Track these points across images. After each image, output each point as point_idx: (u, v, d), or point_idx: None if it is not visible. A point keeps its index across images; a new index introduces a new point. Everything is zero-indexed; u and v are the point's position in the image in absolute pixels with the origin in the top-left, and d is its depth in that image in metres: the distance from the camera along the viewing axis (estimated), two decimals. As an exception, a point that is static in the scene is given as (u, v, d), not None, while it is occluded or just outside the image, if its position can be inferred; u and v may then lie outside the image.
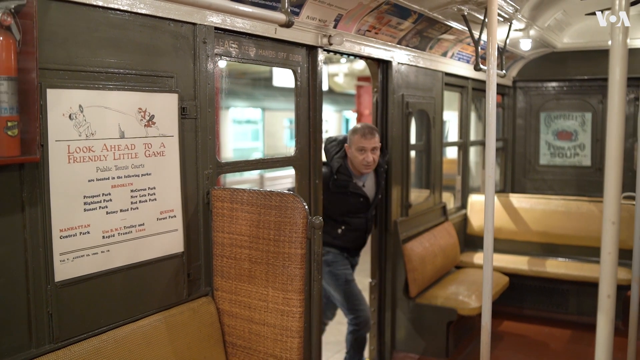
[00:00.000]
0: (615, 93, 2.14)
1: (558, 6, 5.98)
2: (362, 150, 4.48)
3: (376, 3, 4.10)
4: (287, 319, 2.89)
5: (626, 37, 2.16)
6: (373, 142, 4.47)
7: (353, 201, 4.60)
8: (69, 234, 2.41)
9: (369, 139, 4.47)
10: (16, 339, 2.28)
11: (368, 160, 4.47)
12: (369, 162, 4.48)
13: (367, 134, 4.48)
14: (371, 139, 4.47)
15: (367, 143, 4.46)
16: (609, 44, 2.17)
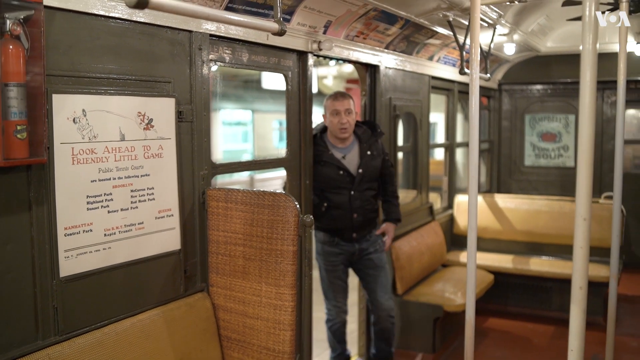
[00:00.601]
0: (586, 96, 2.30)
1: (541, 12, 6.16)
2: (336, 113, 4.37)
3: (364, 10, 4.25)
4: (280, 312, 3.03)
5: (596, 43, 2.32)
6: (345, 104, 4.38)
7: (330, 174, 4.38)
8: (73, 231, 2.54)
9: (340, 100, 4.39)
10: (24, 331, 2.40)
11: (342, 122, 4.35)
12: (344, 124, 4.36)
13: (338, 97, 4.42)
14: (343, 101, 4.39)
15: (339, 105, 4.37)
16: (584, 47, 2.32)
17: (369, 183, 4.51)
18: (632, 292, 7.18)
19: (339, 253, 4.58)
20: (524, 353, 5.51)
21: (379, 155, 4.57)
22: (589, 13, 2.34)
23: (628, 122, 8.50)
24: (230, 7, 3.23)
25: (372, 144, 4.54)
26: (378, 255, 4.67)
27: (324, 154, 4.38)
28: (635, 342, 5.73)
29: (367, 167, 4.46)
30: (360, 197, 4.46)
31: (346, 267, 4.69)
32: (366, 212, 4.51)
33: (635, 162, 8.66)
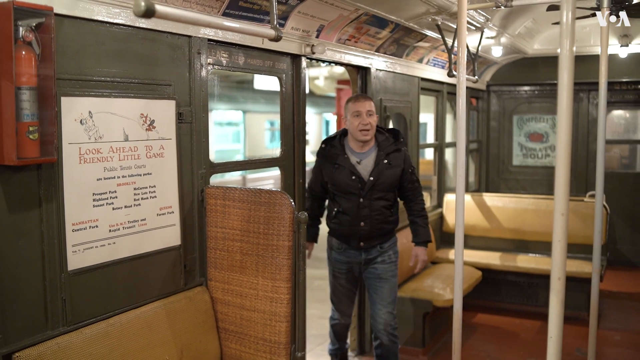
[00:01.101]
0: (564, 97, 2.44)
1: (527, 15, 6.34)
2: (357, 114, 4.21)
3: (356, 14, 4.41)
4: (276, 305, 3.18)
5: (573, 47, 2.47)
6: (367, 105, 4.23)
7: (343, 177, 4.24)
8: (80, 227, 2.67)
9: (361, 101, 4.24)
10: (34, 321, 2.53)
11: (364, 123, 4.17)
12: (365, 125, 4.18)
13: (359, 98, 4.29)
14: (364, 102, 4.24)
15: (360, 106, 4.21)
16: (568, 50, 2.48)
17: (382, 192, 4.26)
18: (617, 289, 7.38)
19: (345, 261, 4.45)
20: (510, 347, 5.67)
21: (397, 166, 4.30)
22: (566, 19, 2.49)
23: (615, 122, 8.72)
24: (227, 12, 3.37)
25: (392, 153, 4.31)
26: (385, 266, 4.42)
27: (339, 156, 4.27)
28: (619, 336, 5.91)
29: (379, 175, 4.24)
30: (370, 205, 4.24)
31: (353, 276, 4.52)
32: (375, 223, 4.28)
33: (622, 162, 8.88)
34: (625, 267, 8.30)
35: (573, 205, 6.68)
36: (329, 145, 4.36)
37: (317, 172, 4.44)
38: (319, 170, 4.40)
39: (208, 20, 2.55)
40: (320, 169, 4.38)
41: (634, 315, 6.54)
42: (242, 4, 3.42)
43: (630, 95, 8.37)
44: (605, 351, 5.45)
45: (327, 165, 4.30)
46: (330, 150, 4.31)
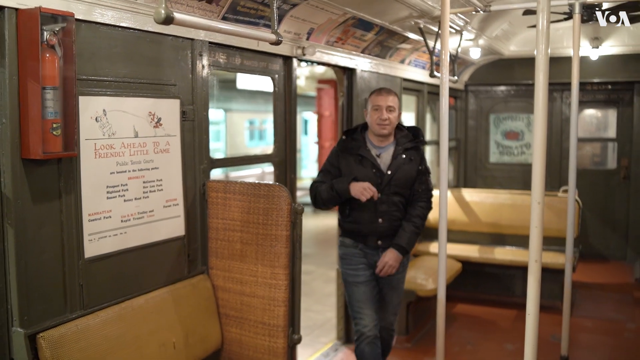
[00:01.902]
0: (540, 97, 2.70)
1: (504, 18, 6.63)
2: (377, 108, 4.07)
3: (344, 18, 4.64)
4: (275, 290, 3.40)
5: (548, 49, 2.73)
6: (388, 100, 4.08)
7: (364, 170, 4.06)
8: (96, 217, 2.87)
9: (384, 95, 4.10)
10: (55, 305, 2.73)
11: (382, 117, 4.03)
12: (384, 120, 4.04)
13: (382, 92, 4.14)
14: (387, 96, 4.09)
15: (381, 100, 4.07)
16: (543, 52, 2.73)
17: (398, 188, 4.10)
18: (589, 280, 7.72)
19: (362, 256, 4.19)
20: (489, 334, 5.96)
21: (414, 163, 4.16)
22: (542, 24, 2.75)
23: (588, 121, 9.07)
24: (226, 17, 3.58)
25: (410, 149, 4.17)
26: (398, 277, 4.28)
27: (361, 147, 4.11)
28: (590, 323, 6.23)
29: (396, 170, 4.09)
30: (388, 201, 4.08)
31: (371, 273, 4.21)
32: (393, 219, 4.11)
33: (594, 160, 9.22)
34: (597, 259, 8.66)
35: (547, 200, 6.98)
36: (350, 137, 4.20)
37: (330, 166, 4.19)
38: (335, 163, 4.17)
39: (218, 27, 2.78)
40: (336, 162, 4.16)
41: (605, 304, 6.87)
42: (239, 9, 3.63)
43: (600, 95, 8.73)
44: (578, 337, 5.76)
45: (348, 157, 4.11)
46: (351, 142, 4.15)
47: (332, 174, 4.15)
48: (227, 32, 2.88)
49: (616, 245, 8.74)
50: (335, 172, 4.14)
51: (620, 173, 8.72)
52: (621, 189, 8.70)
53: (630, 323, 6.21)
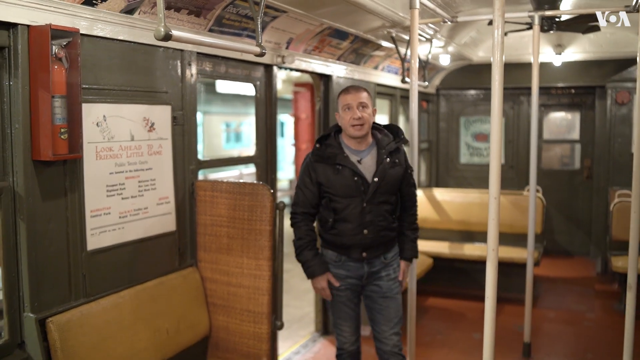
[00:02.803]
0: (496, 99, 3.04)
1: (472, 26, 7.01)
2: (348, 108, 3.65)
3: (320, 28, 4.96)
4: (259, 281, 3.71)
5: (502, 54, 3.07)
6: (359, 97, 3.66)
7: (344, 180, 3.64)
8: (97, 214, 3.16)
9: (352, 93, 3.68)
10: (58, 295, 3.00)
11: (355, 117, 3.61)
12: (357, 118, 3.61)
13: (350, 90, 3.72)
14: (355, 93, 3.67)
15: (351, 98, 3.65)
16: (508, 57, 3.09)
17: (385, 195, 3.72)
18: (553, 274, 8.14)
19: (345, 276, 3.81)
20: (458, 325, 6.32)
21: (400, 165, 3.79)
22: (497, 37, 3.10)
23: (557, 124, 9.49)
24: (212, 29, 3.88)
25: (393, 150, 3.77)
26: (389, 283, 3.86)
27: (338, 156, 3.66)
28: (553, 314, 6.63)
29: (383, 176, 3.68)
30: (374, 210, 3.69)
31: (355, 293, 3.89)
32: (379, 230, 3.73)
33: (564, 160, 9.65)
34: (561, 255, 9.10)
35: (513, 198, 7.40)
36: (323, 144, 3.74)
37: (309, 180, 3.73)
38: (313, 178, 3.71)
39: (210, 42, 3.08)
40: (314, 174, 3.70)
41: (567, 296, 7.28)
42: (224, 22, 3.93)
43: (565, 99, 9.18)
44: (541, 326, 6.15)
45: (325, 167, 3.67)
46: (326, 151, 3.69)
47: (311, 190, 3.72)
48: (217, 46, 3.18)
49: (580, 242, 9.19)
50: (315, 187, 3.71)
51: (583, 173, 9.17)
52: (584, 188, 9.14)
53: (590, 313, 6.62)
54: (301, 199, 3.74)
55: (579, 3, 5.83)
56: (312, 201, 3.73)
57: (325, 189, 3.69)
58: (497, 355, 3.04)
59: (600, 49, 8.19)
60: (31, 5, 2.71)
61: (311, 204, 3.74)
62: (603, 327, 6.17)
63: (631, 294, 3.93)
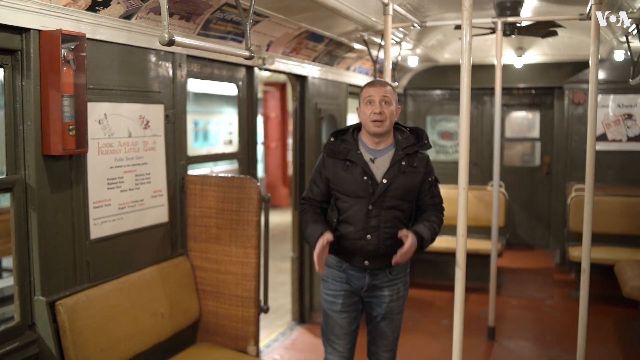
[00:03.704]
0: (464, 99, 3.37)
1: (438, 30, 7.38)
2: (369, 102, 3.40)
3: (298, 32, 5.26)
4: (246, 267, 3.99)
5: (469, 57, 3.40)
6: (382, 91, 3.40)
7: (353, 177, 3.39)
8: (99, 205, 3.40)
9: (376, 86, 3.43)
10: (65, 280, 3.24)
11: (377, 112, 3.35)
12: (379, 113, 3.35)
13: (375, 83, 3.48)
14: (379, 87, 3.42)
15: (374, 92, 3.40)
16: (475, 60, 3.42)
17: (395, 201, 3.40)
18: (515, 265, 8.58)
19: (345, 281, 3.53)
20: (427, 313, 6.68)
21: (417, 172, 3.46)
22: (465, 40, 3.44)
23: (519, 123, 9.93)
24: (201, 32, 4.15)
25: (412, 155, 3.47)
26: (391, 305, 3.56)
27: (350, 151, 3.43)
28: (515, 301, 7.05)
29: (394, 179, 3.38)
30: (380, 215, 3.38)
31: (353, 302, 3.56)
32: (384, 238, 3.38)
33: (524, 159, 10.10)
34: (524, 248, 9.56)
35: (478, 193, 7.80)
36: (339, 138, 3.52)
37: (317, 177, 3.53)
38: (322, 172, 3.51)
39: (206, 46, 3.35)
40: (324, 169, 3.50)
41: (528, 285, 7.72)
42: (211, 26, 4.20)
43: (526, 99, 9.65)
44: (504, 312, 6.55)
45: (335, 162, 3.45)
46: (340, 145, 3.47)
47: (319, 186, 3.51)
48: (212, 50, 3.44)
49: (540, 235, 9.66)
50: (323, 183, 3.50)
51: (543, 169, 9.65)
52: (544, 184, 9.62)
53: (549, 300, 7.06)
54: (308, 194, 3.56)
55: (538, 10, 6.23)
56: (319, 198, 3.52)
57: (332, 185, 3.47)
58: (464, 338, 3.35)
59: (559, 52, 8.65)
60: (42, 12, 2.94)
61: (317, 193, 3.52)
62: (560, 312, 6.60)
63: (585, 277, 4.33)
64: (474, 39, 7.93)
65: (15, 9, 2.83)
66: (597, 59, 4.22)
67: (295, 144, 6.26)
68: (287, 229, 9.18)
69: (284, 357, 5.41)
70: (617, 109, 8.26)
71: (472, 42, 3.68)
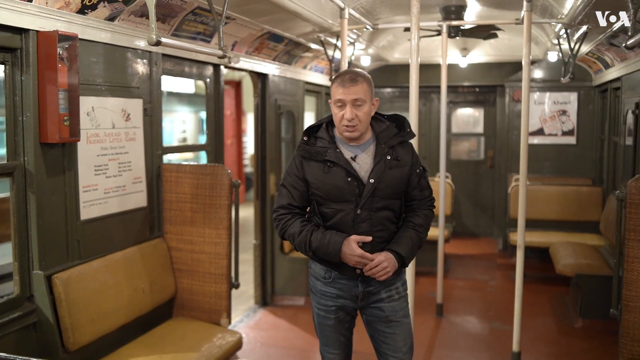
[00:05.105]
0: (413, 95, 3.86)
1: (389, 32, 7.90)
2: (339, 105, 2.98)
3: (261, 32, 5.67)
4: (219, 247, 4.39)
5: (418, 58, 3.88)
6: (353, 93, 2.94)
7: (335, 179, 3.01)
8: (88, 189, 3.76)
9: (347, 86, 2.94)
10: (59, 256, 3.58)
11: (348, 117, 2.94)
12: (350, 119, 2.95)
13: (345, 81, 2.96)
14: (351, 86, 2.94)
15: (344, 94, 2.94)
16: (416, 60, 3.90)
17: (384, 200, 3.06)
18: (461, 252, 9.19)
19: (335, 295, 3.15)
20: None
21: (403, 165, 3.10)
22: (414, 42, 3.93)
23: (464, 119, 10.55)
24: (174, 33, 4.52)
25: (396, 147, 3.11)
26: (393, 305, 3.17)
27: (329, 151, 3.04)
28: (461, 283, 7.63)
29: (381, 177, 3.03)
30: (370, 218, 3.03)
31: (347, 316, 3.23)
32: (376, 243, 3.05)
33: (471, 155, 10.73)
34: (470, 236, 10.19)
35: (427, 184, 8.34)
36: (312, 137, 3.13)
37: (296, 178, 3.11)
38: (300, 175, 3.10)
39: (186, 47, 3.75)
40: (302, 173, 3.10)
41: (473, 269, 8.32)
42: (184, 27, 4.58)
43: (470, 96, 10.28)
44: (451, 292, 7.10)
45: (313, 165, 3.06)
46: (315, 145, 3.09)
47: (299, 190, 3.10)
48: (190, 50, 3.83)
49: (485, 224, 10.31)
50: (304, 186, 3.10)
51: (487, 162, 10.29)
52: (487, 176, 10.27)
53: (492, 281, 7.66)
54: (287, 201, 3.12)
55: (481, 14, 6.81)
56: (299, 202, 3.12)
57: (312, 189, 3.08)
58: (415, 315, 3.78)
59: (500, 53, 9.29)
60: (39, 14, 3.28)
61: (297, 204, 3.12)
62: (502, 291, 7.20)
63: (520, 252, 4.88)
64: (421, 40, 8.48)
65: (16, 11, 3.16)
66: (529, 60, 4.79)
67: (256, 138, 6.67)
68: (245, 223, 9.57)
69: (249, 335, 5.81)
70: (553, 105, 8.93)
71: (420, 43, 4.20)
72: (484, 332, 6.00)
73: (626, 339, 3.74)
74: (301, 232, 3.04)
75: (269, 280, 6.77)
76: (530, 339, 5.60)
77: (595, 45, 6.25)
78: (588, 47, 6.45)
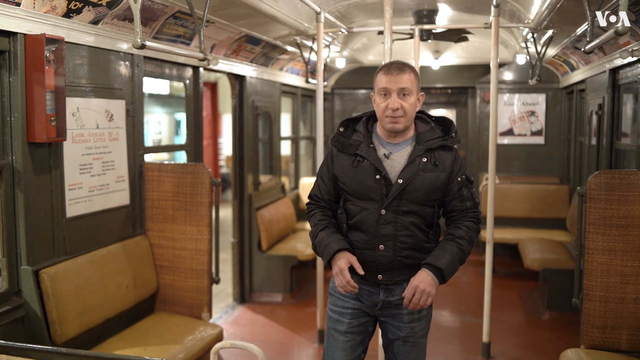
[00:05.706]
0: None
1: (363, 35, 8.10)
2: (384, 93, 2.85)
3: (239, 35, 5.82)
4: (200, 243, 4.53)
5: (391, 60, 4.06)
6: (400, 82, 2.81)
7: (363, 176, 2.88)
8: (73, 187, 3.88)
9: (394, 74, 2.83)
10: (46, 252, 3.70)
11: (393, 107, 2.79)
12: (395, 109, 2.79)
13: (391, 69, 2.85)
14: (398, 75, 2.82)
15: (390, 83, 2.81)
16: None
17: (413, 205, 2.87)
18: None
19: (354, 298, 3.00)
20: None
21: (441, 170, 2.89)
22: (387, 44, 4.12)
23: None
24: (156, 36, 4.66)
25: (437, 150, 2.92)
26: (413, 325, 2.99)
27: (361, 145, 2.91)
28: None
29: (411, 178, 2.84)
30: (395, 221, 2.86)
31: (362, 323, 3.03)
32: (400, 248, 2.87)
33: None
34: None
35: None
36: (349, 129, 3.02)
37: (326, 170, 3.06)
38: (329, 166, 3.03)
39: (169, 50, 3.88)
40: (331, 165, 3.01)
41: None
42: (165, 30, 4.71)
43: (443, 97, 10.53)
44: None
45: (344, 157, 2.95)
46: (349, 138, 2.96)
47: (326, 184, 3.04)
48: (173, 53, 3.97)
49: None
50: (331, 180, 3.02)
51: (458, 162, 10.54)
52: (459, 175, 10.50)
53: (464, 277, 7.90)
54: (315, 192, 3.11)
55: (452, 18, 7.04)
56: (327, 197, 3.05)
57: (340, 184, 2.97)
58: None
59: (471, 55, 9.55)
60: (27, 18, 3.40)
61: (322, 197, 3.06)
62: (474, 286, 7.43)
63: (489, 247, 5.10)
64: (394, 43, 8.71)
65: (4, 15, 3.27)
66: (497, 63, 5.01)
67: (234, 139, 6.81)
68: (222, 223, 9.69)
69: (228, 330, 5.96)
70: (522, 106, 9.21)
71: (393, 46, 4.39)
72: (456, 325, 6.22)
73: (587, 325, 3.97)
74: (315, 224, 3.02)
75: (247, 277, 6.91)
76: (500, 330, 5.83)
77: (561, 49, 6.52)
78: (554, 50, 6.72)
